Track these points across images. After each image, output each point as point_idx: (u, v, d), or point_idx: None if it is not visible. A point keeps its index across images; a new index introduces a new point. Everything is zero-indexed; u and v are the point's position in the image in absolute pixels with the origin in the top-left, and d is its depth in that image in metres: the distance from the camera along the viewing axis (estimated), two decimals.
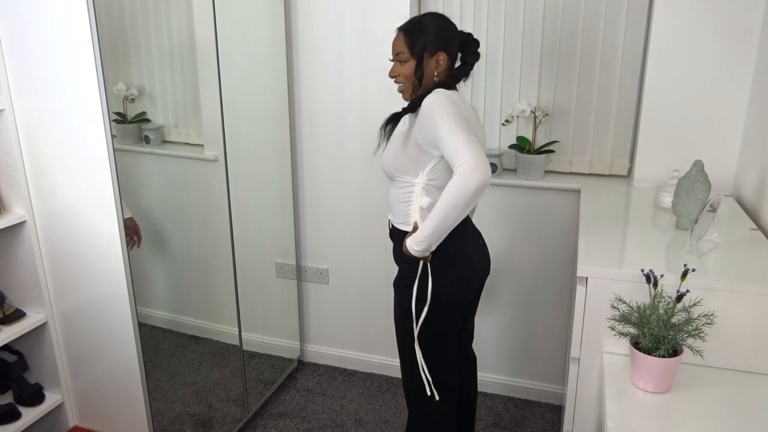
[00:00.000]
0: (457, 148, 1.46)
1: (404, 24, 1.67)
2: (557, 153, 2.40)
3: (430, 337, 1.72)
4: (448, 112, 1.51)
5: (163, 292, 2.49)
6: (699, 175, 1.69)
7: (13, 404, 2.06)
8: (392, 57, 1.68)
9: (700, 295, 1.36)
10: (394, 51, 1.67)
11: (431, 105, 1.55)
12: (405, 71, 1.65)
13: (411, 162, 1.63)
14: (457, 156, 1.46)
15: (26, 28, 1.76)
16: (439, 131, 1.51)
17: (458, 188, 1.45)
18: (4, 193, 1.95)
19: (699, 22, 2.03)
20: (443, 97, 1.55)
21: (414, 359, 1.74)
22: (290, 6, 2.45)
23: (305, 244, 2.77)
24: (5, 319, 1.98)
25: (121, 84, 2.16)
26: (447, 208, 1.48)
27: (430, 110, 1.54)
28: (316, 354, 2.91)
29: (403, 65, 1.65)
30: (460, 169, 1.44)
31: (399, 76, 1.67)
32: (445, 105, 1.53)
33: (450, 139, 1.48)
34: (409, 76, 1.65)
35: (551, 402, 2.58)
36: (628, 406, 1.31)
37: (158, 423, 2.15)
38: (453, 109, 1.53)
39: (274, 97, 2.47)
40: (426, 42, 1.62)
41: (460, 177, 1.44)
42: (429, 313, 1.67)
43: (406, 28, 1.66)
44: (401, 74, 1.66)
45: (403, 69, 1.66)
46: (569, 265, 2.38)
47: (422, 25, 1.64)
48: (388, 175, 1.72)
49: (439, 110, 1.52)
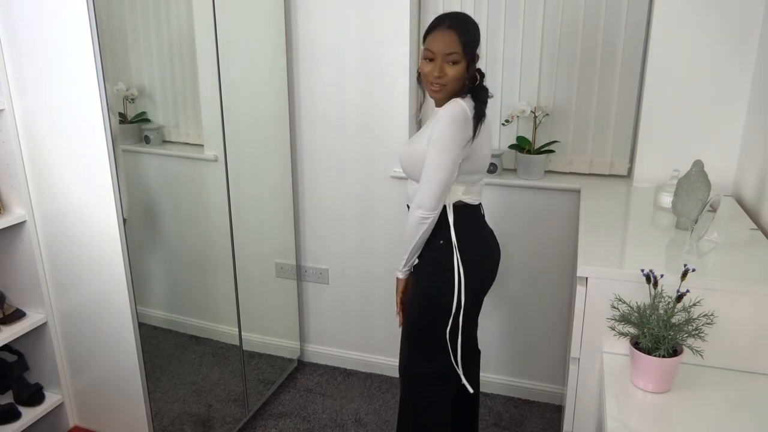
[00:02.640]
0: (428, 181, 1.61)
1: (452, 22, 1.59)
2: (557, 153, 2.40)
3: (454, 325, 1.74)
4: (452, 142, 1.58)
5: (163, 292, 2.49)
6: (699, 175, 1.69)
7: (13, 404, 2.06)
8: (438, 56, 1.59)
9: (700, 295, 1.36)
10: (446, 50, 1.57)
11: (440, 120, 1.59)
12: (455, 73, 1.59)
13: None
14: (420, 188, 1.63)
15: (26, 28, 1.76)
16: (432, 154, 1.60)
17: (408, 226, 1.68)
18: (4, 193, 1.95)
19: (699, 22, 2.03)
20: (461, 119, 1.58)
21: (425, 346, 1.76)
22: (290, 6, 2.45)
23: (305, 244, 2.77)
24: (5, 319, 1.98)
25: (121, 84, 2.16)
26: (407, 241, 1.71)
27: (439, 132, 1.59)
28: (316, 354, 2.91)
29: (454, 66, 1.59)
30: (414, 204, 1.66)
31: (445, 76, 1.60)
32: (454, 132, 1.58)
33: (430, 172, 1.60)
34: (460, 79, 1.60)
35: (551, 402, 2.58)
36: (628, 406, 1.31)
37: (158, 423, 2.15)
38: (458, 139, 1.59)
39: (274, 97, 2.47)
40: (476, 42, 1.61)
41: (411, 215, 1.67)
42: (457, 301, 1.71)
43: (459, 28, 1.58)
44: (449, 75, 1.59)
45: (454, 70, 1.59)
46: (569, 265, 2.38)
47: (469, 24, 1.61)
48: (411, 178, 1.74)
49: (447, 137, 1.58)
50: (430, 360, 1.78)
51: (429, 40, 1.62)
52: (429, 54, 1.61)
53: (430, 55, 1.61)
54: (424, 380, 1.81)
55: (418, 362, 1.80)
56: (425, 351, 1.80)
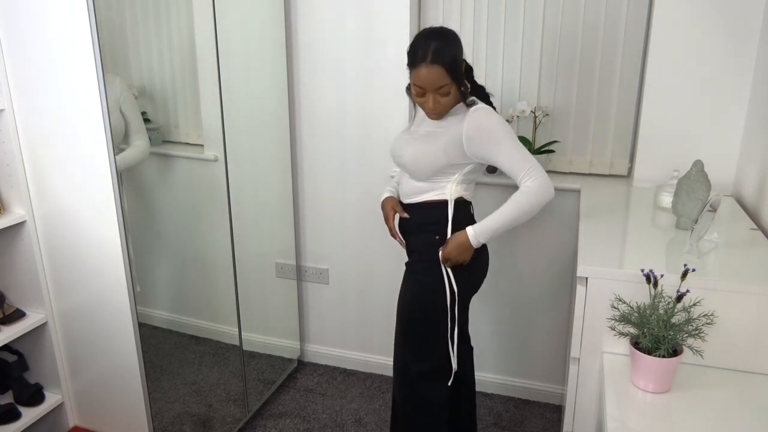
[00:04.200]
0: (526, 164, 1.62)
1: (433, 55, 1.58)
2: (557, 153, 2.40)
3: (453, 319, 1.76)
4: (506, 131, 1.64)
5: (163, 292, 2.49)
6: (699, 175, 1.69)
7: (13, 404, 2.06)
8: (429, 91, 1.62)
9: (700, 295, 1.36)
10: (434, 86, 1.60)
11: (489, 126, 1.63)
12: (449, 101, 1.65)
13: (449, 167, 1.70)
14: (528, 171, 1.62)
15: (26, 28, 1.75)
16: (503, 150, 1.63)
17: (534, 199, 1.62)
18: (4, 193, 1.95)
19: (699, 22, 2.03)
20: (495, 117, 1.65)
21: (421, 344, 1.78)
22: (290, 6, 2.45)
23: (305, 244, 2.77)
24: (5, 319, 1.98)
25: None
26: (520, 212, 1.64)
27: (489, 132, 1.63)
28: (316, 354, 2.91)
29: (446, 95, 1.63)
30: (538, 181, 1.61)
31: (440, 105, 1.65)
32: (501, 125, 1.64)
33: (517, 157, 1.63)
34: (453, 101, 1.66)
35: (551, 402, 2.58)
36: (628, 406, 1.31)
37: (158, 423, 2.15)
38: (507, 126, 1.65)
39: (274, 97, 2.47)
40: (460, 65, 1.64)
41: (539, 189, 1.61)
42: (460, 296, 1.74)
43: (442, 59, 1.58)
44: (444, 104, 1.65)
45: (447, 99, 1.64)
46: (569, 265, 2.38)
47: (453, 52, 1.62)
48: (420, 179, 1.75)
49: (500, 132, 1.63)
50: (427, 359, 1.78)
51: (415, 76, 1.63)
52: (418, 90, 1.64)
53: (419, 91, 1.64)
54: (421, 379, 1.81)
55: (415, 361, 1.80)
56: (421, 349, 1.80)
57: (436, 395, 1.83)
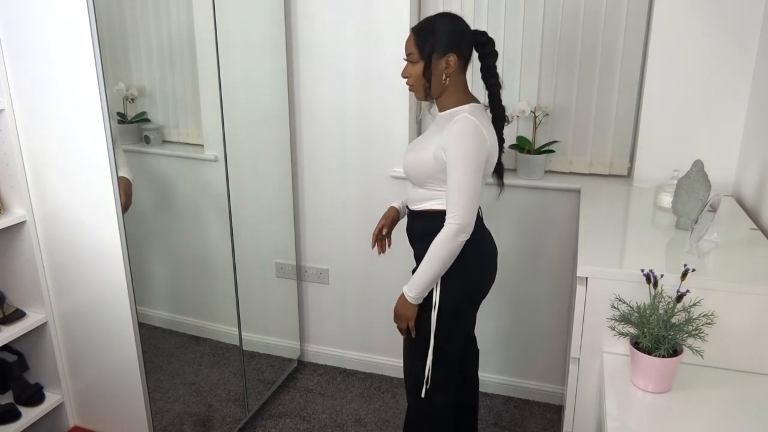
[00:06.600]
0: (458, 199, 1.58)
1: (416, 25, 1.68)
2: (557, 153, 2.40)
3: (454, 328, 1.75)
4: (467, 158, 1.58)
5: (163, 292, 2.49)
6: (699, 175, 1.69)
7: (13, 404, 2.06)
8: (405, 57, 1.69)
9: (700, 295, 1.36)
10: (406, 51, 1.68)
11: (455, 142, 1.59)
12: (415, 72, 1.67)
13: (441, 173, 1.66)
14: (453, 209, 1.59)
15: (26, 28, 1.76)
16: (453, 171, 1.59)
17: (445, 245, 1.60)
18: (4, 193, 1.95)
19: (699, 22, 2.03)
20: (469, 135, 1.59)
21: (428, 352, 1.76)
22: (290, 6, 2.45)
23: (305, 244, 2.77)
24: (5, 319, 1.98)
25: (121, 84, 2.16)
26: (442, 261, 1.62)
27: (454, 146, 1.59)
28: (316, 354, 2.91)
29: (414, 66, 1.67)
30: (450, 227, 1.59)
31: (410, 77, 1.69)
32: (466, 146, 1.58)
33: (457, 189, 1.58)
34: (419, 77, 1.66)
35: (551, 402, 2.58)
36: (628, 406, 1.31)
37: (158, 423, 2.15)
38: (476, 152, 1.59)
39: (274, 97, 2.47)
40: (435, 43, 1.62)
41: (448, 235, 1.59)
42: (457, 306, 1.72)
43: (417, 30, 1.66)
44: (412, 75, 1.68)
45: (414, 70, 1.67)
46: (569, 265, 2.38)
47: (433, 26, 1.65)
48: (418, 185, 1.74)
49: (461, 154, 1.58)
50: (435, 365, 1.77)
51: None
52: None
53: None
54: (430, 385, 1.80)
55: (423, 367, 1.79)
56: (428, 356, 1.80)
57: (445, 402, 1.83)
